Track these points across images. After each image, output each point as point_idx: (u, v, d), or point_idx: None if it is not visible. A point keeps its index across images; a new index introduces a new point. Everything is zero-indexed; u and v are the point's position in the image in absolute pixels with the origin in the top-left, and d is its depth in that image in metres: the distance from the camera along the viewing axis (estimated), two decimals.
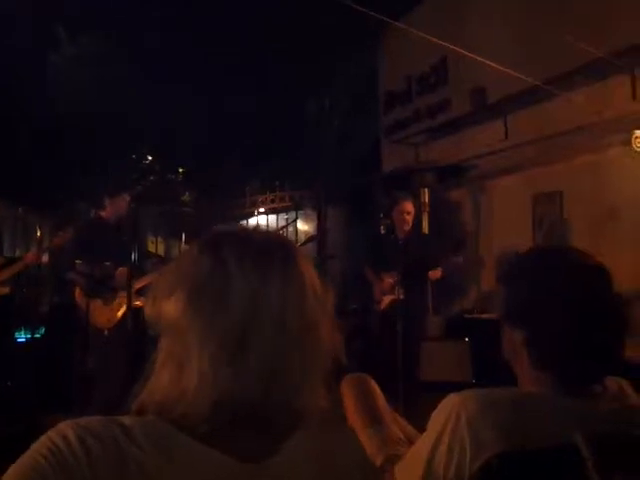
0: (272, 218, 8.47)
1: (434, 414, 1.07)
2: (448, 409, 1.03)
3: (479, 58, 4.23)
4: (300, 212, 8.01)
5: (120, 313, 3.94)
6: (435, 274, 4.83)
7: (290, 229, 7.45)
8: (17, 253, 6.56)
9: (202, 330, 0.74)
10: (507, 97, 5.47)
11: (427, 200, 6.55)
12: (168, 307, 0.77)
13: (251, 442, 0.76)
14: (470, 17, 5.96)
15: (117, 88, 7.17)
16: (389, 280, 4.68)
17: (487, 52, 4.58)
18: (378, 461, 1.19)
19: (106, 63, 7.15)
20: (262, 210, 8.47)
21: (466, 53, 4.26)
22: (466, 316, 6.08)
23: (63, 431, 0.71)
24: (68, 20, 7.03)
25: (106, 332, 3.94)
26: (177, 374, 0.75)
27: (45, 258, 4.66)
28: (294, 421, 0.78)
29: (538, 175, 5.74)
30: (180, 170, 8.80)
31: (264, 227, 8.19)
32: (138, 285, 3.70)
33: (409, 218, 4.77)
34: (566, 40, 4.07)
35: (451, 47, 4.36)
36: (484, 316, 5.87)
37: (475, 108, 6.00)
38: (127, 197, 4.29)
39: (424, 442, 1.07)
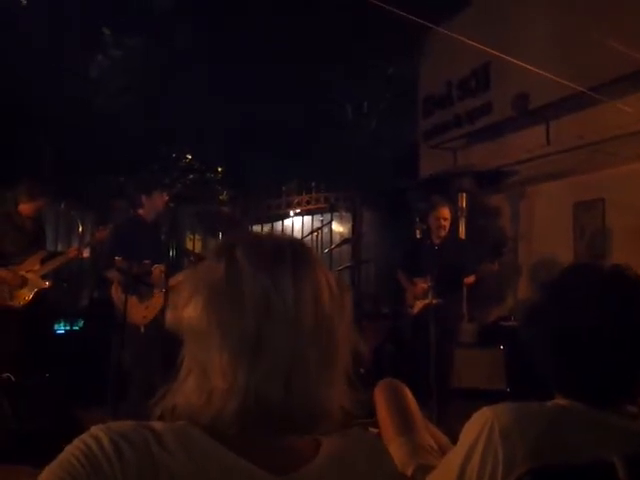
0: (307, 219, 8.49)
1: (467, 426, 1.06)
2: (482, 421, 1.02)
3: (523, 64, 4.16)
4: (335, 214, 8.01)
5: (156, 310, 4.00)
6: (469, 280, 4.79)
7: (325, 231, 7.45)
8: (59, 248, 6.73)
9: (221, 333, 0.75)
10: (550, 103, 5.37)
11: (464, 205, 6.48)
12: (188, 313, 0.78)
13: (280, 452, 0.76)
14: (514, 22, 5.87)
15: (150, 87, 7.29)
16: (422, 285, 4.65)
17: (531, 58, 4.51)
18: (409, 470, 1.19)
19: (141, 62, 7.27)
20: (297, 211, 8.49)
21: (510, 59, 4.20)
22: (502, 323, 6.00)
23: (97, 435, 0.72)
24: (103, 21, 7.17)
25: (142, 329, 4.01)
26: (202, 379, 0.77)
27: (86, 253, 4.77)
28: (317, 419, 0.78)
29: (580, 182, 5.63)
30: (219, 169, 8.91)
31: (299, 228, 8.23)
32: (175, 282, 3.76)
33: (446, 224, 4.73)
34: (612, 47, 3.98)
35: (494, 52, 4.31)
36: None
37: (517, 113, 5.91)
38: (165, 195, 4.36)
39: (456, 454, 1.06)
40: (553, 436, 1.00)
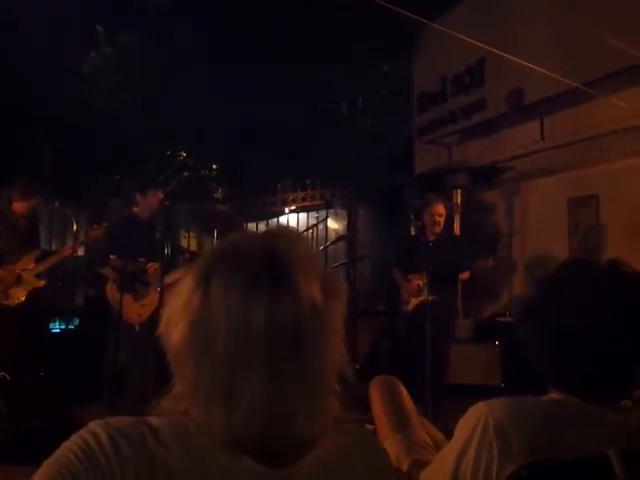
0: (302, 216, 8.49)
1: (461, 421, 1.06)
2: (477, 416, 1.02)
3: (517, 59, 4.17)
4: (330, 211, 8.01)
5: (152, 309, 4.00)
6: (464, 276, 4.80)
7: (320, 227, 7.45)
8: (53, 246, 6.70)
9: (194, 372, 0.74)
10: (544, 99, 5.38)
11: (459, 201, 6.49)
12: (172, 340, 0.77)
13: (276, 450, 0.75)
14: (508, 18, 5.87)
15: (149, 86, 7.28)
16: (417, 282, 4.66)
17: (525, 53, 4.51)
18: (405, 466, 1.19)
19: (140, 62, 7.25)
20: (293, 208, 8.49)
21: (504, 54, 4.21)
22: (497, 319, 6.01)
23: (94, 430, 0.72)
24: (100, 19, 7.15)
25: (137, 327, 4.00)
26: (190, 400, 0.76)
27: (81, 252, 4.75)
28: (302, 445, 0.76)
29: (574, 178, 5.64)
30: (213, 167, 8.89)
31: (294, 225, 8.22)
32: (169, 280, 3.76)
33: (440, 220, 4.73)
34: (607, 42, 3.99)
35: (489, 48, 4.31)
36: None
37: (512, 109, 5.92)
38: (160, 193, 4.34)
39: (451, 449, 1.06)
40: (548, 430, 1.00)
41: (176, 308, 0.77)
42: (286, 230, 0.89)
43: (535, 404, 1.05)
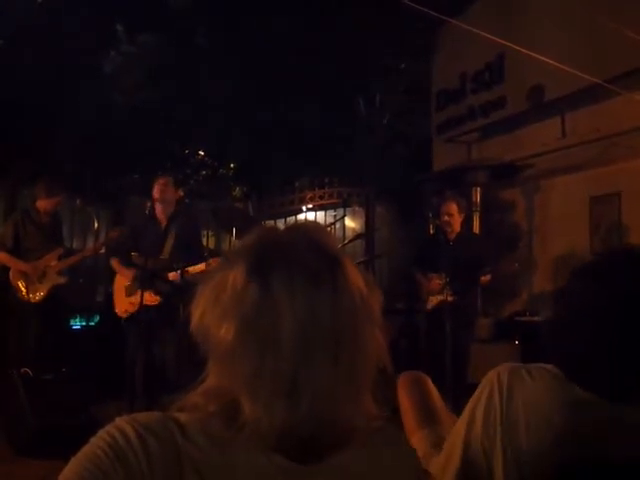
0: (320, 215, 8.49)
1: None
2: (487, 377, 1.03)
3: (538, 56, 4.12)
4: (348, 209, 8.00)
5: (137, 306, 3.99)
6: (485, 279, 4.73)
7: (338, 226, 7.44)
8: (74, 244, 6.79)
9: (253, 369, 0.71)
10: (566, 95, 5.32)
11: (479, 200, 6.44)
12: (219, 336, 0.73)
13: (303, 447, 0.74)
14: (528, 14, 5.82)
15: (168, 85, 7.31)
16: (437, 281, 4.62)
17: (546, 50, 4.46)
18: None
19: (159, 61, 7.29)
20: (310, 206, 8.49)
21: (525, 51, 4.16)
22: (517, 318, 5.96)
23: (121, 426, 0.71)
24: (122, 19, 7.19)
25: (122, 321, 4.07)
26: (231, 399, 0.74)
27: (102, 250, 4.81)
28: (342, 435, 0.76)
29: (596, 176, 5.57)
30: (231, 165, 8.93)
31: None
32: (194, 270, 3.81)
33: (450, 220, 4.64)
34: (629, 37, 3.93)
35: (509, 45, 4.27)
36: (536, 319, 5.73)
37: (532, 106, 5.86)
38: (180, 192, 4.37)
39: (466, 410, 1.07)
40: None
41: (221, 302, 0.74)
42: (316, 224, 0.90)
43: (541, 371, 1.06)
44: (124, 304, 4.12)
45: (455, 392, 3.82)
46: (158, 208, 4.16)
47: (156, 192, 4.11)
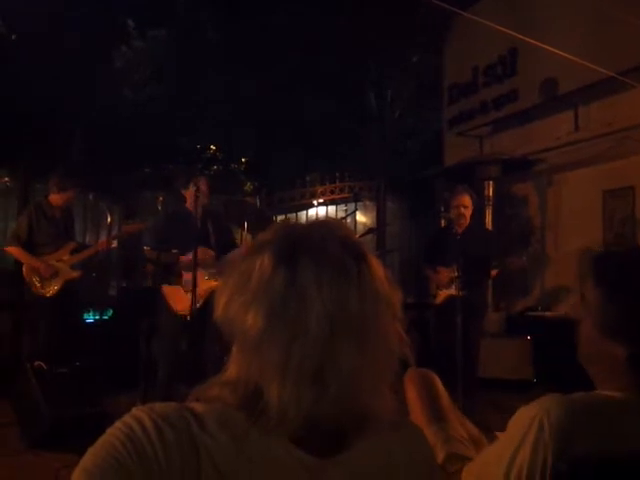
0: (331, 209, 8.47)
1: (513, 420, 1.04)
2: (531, 415, 1.00)
3: (550, 49, 4.08)
4: (359, 204, 7.98)
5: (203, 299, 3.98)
6: (492, 273, 4.71)
7: (349, 220, 7.43)
8: (87, 239, 6.83)
9: (281, 355, 0.72)
10: (579, 88, 5.28)
11: (491, 194, 6.41)
12: (246, 324, 0.74)
13: (321, 439, 0.75)
14: (540, 6, 5.76)
15: (180, 81, 7.33)
16: (447, 274, 4.60)
17: (558, 42, 4.42)
18: (439, 459, 1.18)
19: (169, 56, 7.32)
20: (321, 201, 8.48)
21: (538, 44, 4.12)
22: (529, 313, 5.93)
23: (139, 416, 0.71)
24: (132, 14, 7.21)
25: (188, 317, 3.98)
26: (254, 389, 0.74)
27: (114, 244, 4.84)
28: (363, 424, 0.77)
29: (609, 170, 5.52)
30: (243, 160, 8.94)
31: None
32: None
33: (465, 212, 4.59)
34: None
35: (521, 37, 4.24)
36: (548, 314, 5.71)
37: (545, 99, 5.81)
38: (194, 187, 4.37)
39: (503, 447, 1.03)
40: (603, 426, 0.98)
41: (248, 290, 0.75)
42: (338, 221, 0.92)
43: (590, 401, 1.02)
44: (186, 300, 3.90)
45: (465, 386, 3.81)
46: (198, 202, 4.14)
47: (204, 187, 4.15)
